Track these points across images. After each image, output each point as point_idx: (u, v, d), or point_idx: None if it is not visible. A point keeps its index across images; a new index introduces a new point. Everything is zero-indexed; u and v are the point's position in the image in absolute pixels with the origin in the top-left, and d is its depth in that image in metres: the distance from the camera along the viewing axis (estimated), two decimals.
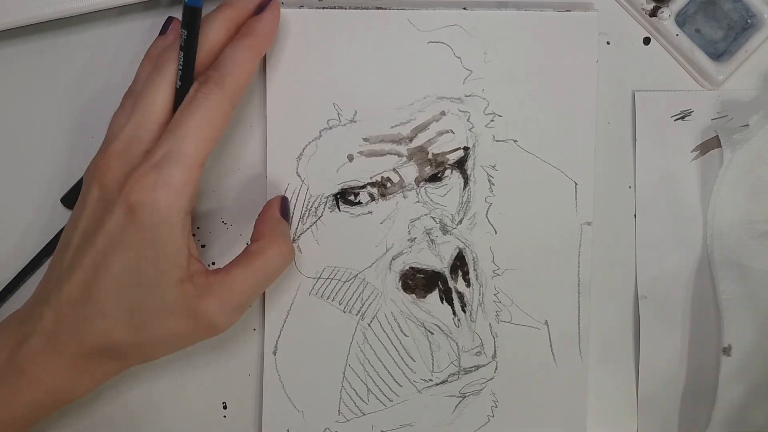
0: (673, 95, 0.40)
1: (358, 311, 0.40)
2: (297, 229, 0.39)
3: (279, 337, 0.40)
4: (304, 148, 0.39)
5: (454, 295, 0.40)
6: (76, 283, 0.33)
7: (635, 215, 0.41)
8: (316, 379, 0.40)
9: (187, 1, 0.33)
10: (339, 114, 0.39)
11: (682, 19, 0.40)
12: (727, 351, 0.39)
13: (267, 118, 0.39)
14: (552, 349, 0.40)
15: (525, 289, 0.40)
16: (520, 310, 0.40)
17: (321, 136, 0.39)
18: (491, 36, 0.39)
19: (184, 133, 0.32)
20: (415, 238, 0.39)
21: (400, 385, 0.40)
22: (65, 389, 0.33)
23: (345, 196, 0.39)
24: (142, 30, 0.39)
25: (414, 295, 0.40)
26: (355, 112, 0.39)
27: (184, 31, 0.33)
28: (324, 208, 0.39)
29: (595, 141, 0.40)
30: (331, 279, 0.39)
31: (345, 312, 0.40)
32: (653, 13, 0.40)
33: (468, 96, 0.39)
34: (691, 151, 0.41)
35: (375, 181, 0.39)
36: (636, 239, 0.41)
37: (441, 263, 0.39)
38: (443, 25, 0.39)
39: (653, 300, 0.40)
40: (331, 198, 0.39)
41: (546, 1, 0.40)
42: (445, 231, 0.40)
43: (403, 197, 0.39)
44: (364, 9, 0.39)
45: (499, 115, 0.39)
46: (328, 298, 0.39)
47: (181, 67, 0.33)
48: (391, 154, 0.39)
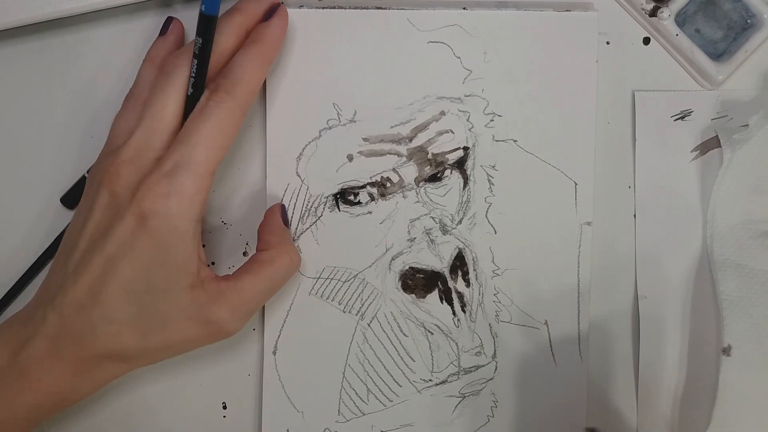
0: (673, 95, 0.40)
1: (358, 311, 0.39)
2: (297, 229, 0.39)
3: (279, 337, 0.40)
4: (304, 148, 0.39)
5: (454, 295, 0.40)
6: (83, 287, 0.32)
7: (635, 215, 0.41)
8: (315, 379, 0.40)
9: (204, 9, 0.33)
10: (339, 114, 0.39)
11: (681, 19, 0.40)
12: (727, 351, 0.39)
13: (267, 118, 0.39)
14: (552, 349, 0.40)
15: (525, 289, 0.40)
16: (520, 310, 0.40)
17: (321, 136, 0.39)
18: (491, 36, 0.39)
19: (196, 142, 0.32)
20: (414, 238, 0.39)
21: (400, 386, 0.40)
22: (67, 392, 0.33)
23: (345, 196, 0.39)
24: (142, 30, 0.39)
25: (414, 295, 0.40)
26: (355, 112, 0.39)
27: (199, 39, 0.33)
28: (324, 208, 0.39)
29: (595, 141, 0.40)
30: (331, 279, 0.39)
31: (345, 312, 0.40)
32: (653, 13, 0.40)
33: (468, 96, 0.39)
34: (691, 151, 0.41)
35: (375, 181, 0.39)
36: (636, 239, 0.41)
37: (441, 263, 0.39)
38: (443, 25, 0.39)
39: (653, 300, 0.40)
40: (330, 198, 0.39)
41: (546, 1, 0.40)
42: (444, 231, 0.40)
43: (403, 197, 0.39)
44: (364, 9, 0.39)
45: (498, 115, 0.39)
46: (327, 298, 0.39)
47: (194, 75, 0.33)
48: (390, 154, 0.39)
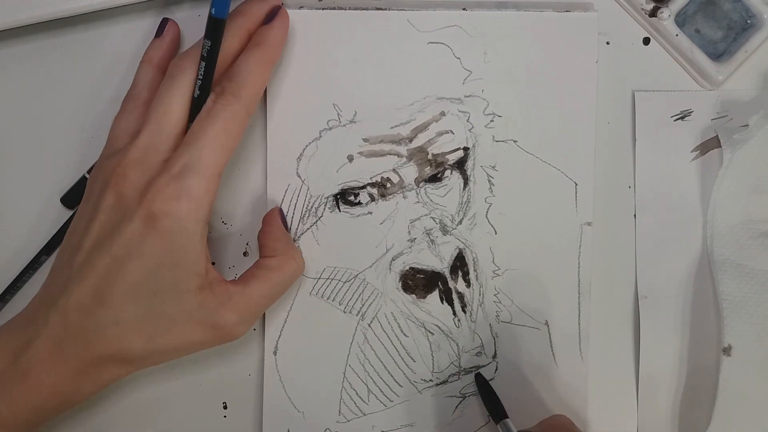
0: (672, 95, 0.40)
1: (359, 311, 0.40)
2: (297, 229, 0.39)
3: (279, 337, 0.40)
4: (305, 149, 0.39)
5: (455, 296, 0.40)
6: (88, 288, 0.32)
7: (635, 215, 0.41)
8: (316, 380, 0.40)
9: (213, 12, 0.33)
10: (339, 114, 0.39)
11: (681, 20, 0.40)
12: (727, 351, 0.39)
13: (268, 118, 0.39)
14: (552, 350, 0.40)
15: (525, 290, 0.40)
16: (520, 311, 0.40)
17: (321, 136, 0.39)
18: (491, 36, 0.39)
19: (203, 144, 0.33)
20: (415, 239, 0.39)
21: (401, 386, 0.40)
22: (69, 393, 0.33)
23: (345, 197, 0.39)
24: (141, 30, 0.39)
25: (414, 295, 0.40)
26: (355, 112, 0.39)
27: (208, 42, 0.33)
28: (324, 209, 0.39)
29: (595, 141, 0.40)
30: (332, 279, 0.39)
31: (345, 312, 0.40)
32: (653, 13, 0.40)
33: (468, 96, 0.39)
34: (691, 151, 0.41)
35: (375, 181, 0.39)
36: (636, 239, 0.41)
37: (441, 263, 0.39)
38: (443, 26, 0.39)
39: (653, 300, 0.40)
40: (331, 198, 0.39)
41: (546, 2, 0.40)
42: (445, 231, 0.40)
43: (403, 198, 0.39)
44: (364, 9, 0.39)
45: (498, 116, 0.39)
46: (328, 299, 0.39)
47: (201, 77, 0.34)
48: (390, 154, 0.39)
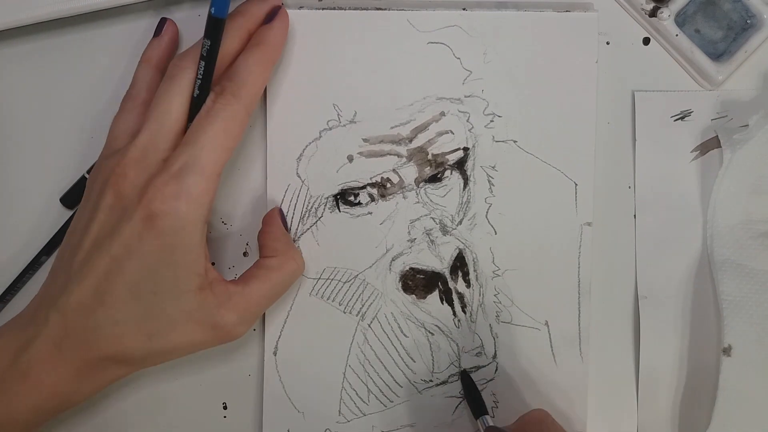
0: (672, 95, 0.40)
1: (359, 312, 0.40)
2: (297, 229, 0.39)
3: (279, 337, 0.40)
4: (305, 149, 0.39)
5: (455, 296, 0.40)
6: (87, 288, 0.32)
7: (635, 215, 0.41)
8: (316, 380, 0.40)
9: (213, 12, 0.33)
10: (339, 115, 0.39)
11: (681, 20, 0.40)
12: (727, 351, 0.39)
13: (267, 118, 0.39)
14: (552, 350, 0.40)
15: (525, 290, 0.40)
16: (520, 311, 0.40)
17: (321, 136, 0.39)
18: (491, 37, 0.39)
19: (203, 143, 0.33)
20: (415, 239, 0.39)
21: (401, 386, 0.40)
22: (69, 394, 0.33)
23: (345, 197, 0.39)
24: (141, 30, 0.39)
25: (414, 295, 0.40)
26: (355, 112, 0.39)
27: (207, 41, 0.33)
28: (324, 209, 0.39)
29: (595, 141, 0.40)
30: (332, 280, 0.39)
31: (345, 312, 0.40)
32: (653, 13, 0.40)
33: (468, 96, 0.39)
34: (691, 152, 0.41)
35: (375, 181, 0.39)
36: (636, 239, 0.41)
37: (441, 264, 0.39)
38: (443, 26, 0.39)
39: (653, 300, 0.40)
40: (331, 198, 0.39)
41: (546, 2, 0.40)
42: (445, 231, 0.40)
43: (403, 198, 0.39)
44: (364, 10, 0.39)
45: (498, 116, 0.39)
46: (328, 299, 0.39)
47: (201, 77, 0.34)
48: (390, 154, 0.39)
